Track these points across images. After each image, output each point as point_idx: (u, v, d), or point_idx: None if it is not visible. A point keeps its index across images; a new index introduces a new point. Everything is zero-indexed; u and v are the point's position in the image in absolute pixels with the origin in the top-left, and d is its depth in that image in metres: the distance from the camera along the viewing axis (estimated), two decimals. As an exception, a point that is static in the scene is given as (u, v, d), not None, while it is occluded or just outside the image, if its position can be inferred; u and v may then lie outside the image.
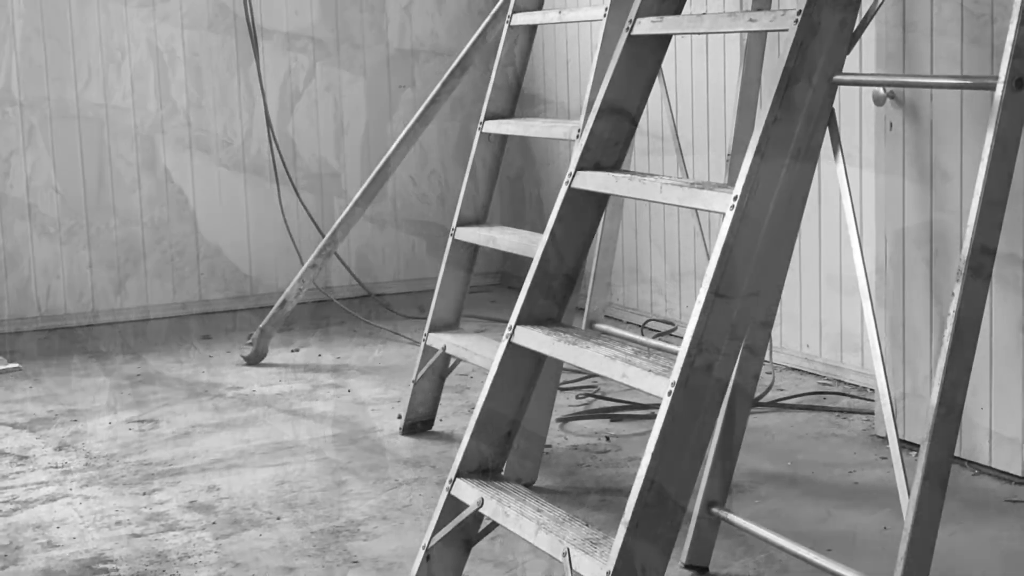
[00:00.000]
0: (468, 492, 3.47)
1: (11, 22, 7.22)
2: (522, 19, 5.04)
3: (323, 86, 7.96)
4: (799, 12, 3.13)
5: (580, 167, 3.62)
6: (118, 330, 7.42)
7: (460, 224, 5.14)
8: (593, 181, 3.57)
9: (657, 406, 3.08)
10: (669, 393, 2.98)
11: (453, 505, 3.52)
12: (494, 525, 3.46)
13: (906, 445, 4.69)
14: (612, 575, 2.93)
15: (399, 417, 5.36)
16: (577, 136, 4.44)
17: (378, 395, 5.90)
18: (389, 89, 8.13)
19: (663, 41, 3.67)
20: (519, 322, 3.57)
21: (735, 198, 3.07)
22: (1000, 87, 2.95)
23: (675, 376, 2.99)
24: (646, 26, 3.60)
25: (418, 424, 5.30)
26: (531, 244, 4.63)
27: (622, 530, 2.95)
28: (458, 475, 3.53)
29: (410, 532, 4.21)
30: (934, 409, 2.97)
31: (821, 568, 3.42)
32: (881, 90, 4.72)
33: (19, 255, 7.37)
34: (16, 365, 5.84)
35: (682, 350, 3.01)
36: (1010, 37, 2.95)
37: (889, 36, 4.73)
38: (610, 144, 3.65)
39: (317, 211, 7.91)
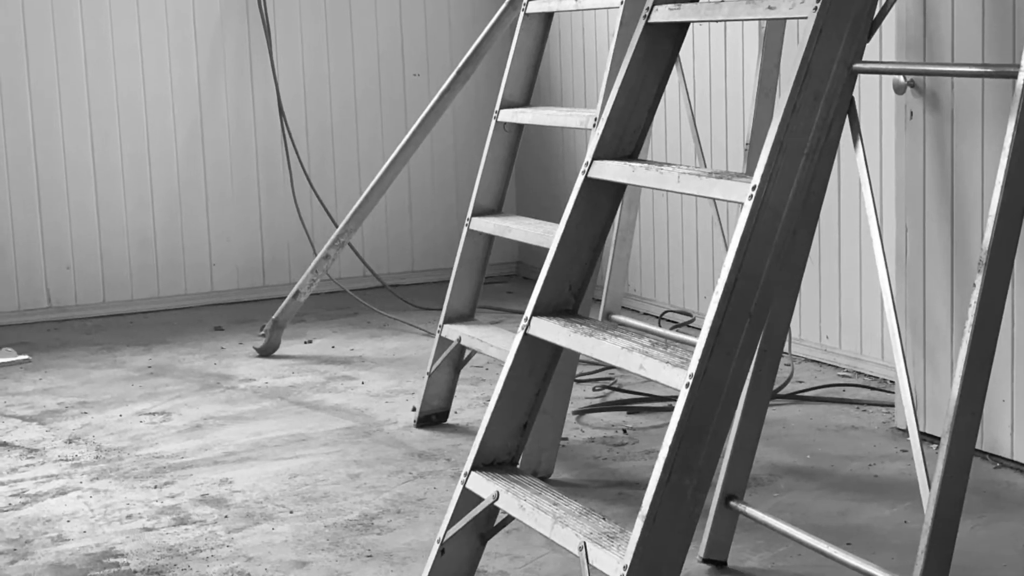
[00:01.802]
0: (483, 485, 3.44)
1: (21, 7, 7.20)
2: (538, 6, 5.00)
3: (336, 74, 7.93)
4: (819, -2, 3.10)
5: (597, 156, 3.58)
6: (128, 321, 7.41)
7: (475, 214, 5.11)
8: (610, 171, 3.54)
9: (675, 398, 3.06)
10: (687, 385, 2.95)
11: (468, 498, 3.49)
12: (510, 519, 3.43)
13: (927, 438, 4.66)
14: (629, 569, 2.90)
15: (413, 409, 5.33)
16: (594, 125, 4.41)
17: (392, 387, 5.87)
18: (403, 77, 8.10)
19: (681, 29, 3.64)
20: (535, 313, 3.54)
21: (754, 188, 3.04)
22: (1022, 75, 2.92)
23: (693, 368, 2.96)
24: (663, 14, 3.57)
25: (433, 416, 5.27)
26: (547, 234, 4.60)
27: (639, 524, 2.92)
28: (473, 468, 3.50)
29: (425, 526, 4.18)
30: (955, 401, 2.95)
31: (840, 562, 3.39)
32: (901, 78, 4.69)
33: (29, 245, 7.35)
34: (25, 356, 5.81)
35: (700, 342, 2.98)
36: (1035, 23, 2.91)
37: (910, 23, 4.69)
38: (627, 133, 3.62)
39: (331, 201, 7.88)
